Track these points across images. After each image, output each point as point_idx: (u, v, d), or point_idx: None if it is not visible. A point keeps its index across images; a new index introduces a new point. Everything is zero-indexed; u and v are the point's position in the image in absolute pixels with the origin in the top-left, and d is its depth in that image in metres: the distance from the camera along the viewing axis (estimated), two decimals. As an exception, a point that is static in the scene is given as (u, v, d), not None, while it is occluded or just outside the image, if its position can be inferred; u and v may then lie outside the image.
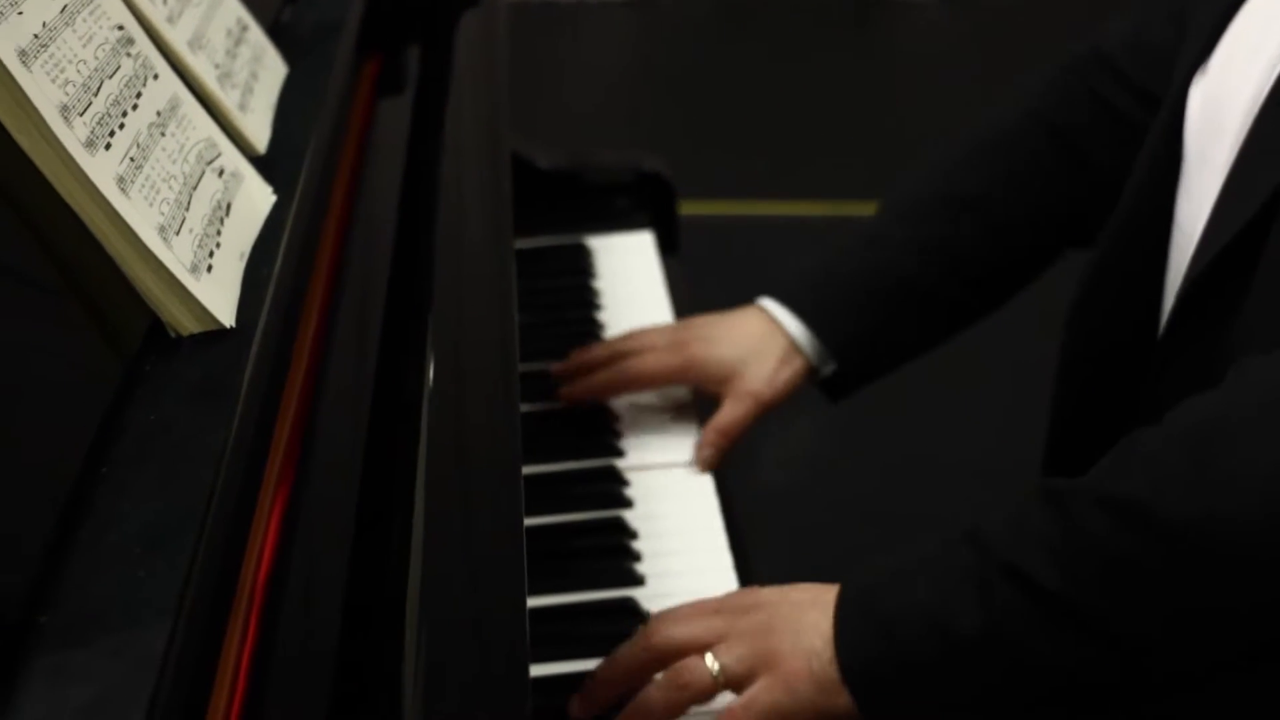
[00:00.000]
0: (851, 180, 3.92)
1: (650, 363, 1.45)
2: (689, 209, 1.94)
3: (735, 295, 1.55)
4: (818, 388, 1.50)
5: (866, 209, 1.58)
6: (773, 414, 1.46)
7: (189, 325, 0.93)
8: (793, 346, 1.46)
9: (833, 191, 3.86)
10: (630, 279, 1.76)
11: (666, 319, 1.68)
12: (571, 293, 1.71)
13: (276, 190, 1.12)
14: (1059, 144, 1.44)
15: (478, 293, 1.17)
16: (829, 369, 1.47)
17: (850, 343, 1.46)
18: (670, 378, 1.46)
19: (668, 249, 1.85)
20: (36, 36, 0.92)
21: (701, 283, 1.97)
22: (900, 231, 1.48)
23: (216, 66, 1.21)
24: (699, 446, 1.43)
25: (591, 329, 1.65)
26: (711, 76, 4.70)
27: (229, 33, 1.29)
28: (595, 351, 1.49)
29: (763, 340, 1.46)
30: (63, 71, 0.93)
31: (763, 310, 1.48)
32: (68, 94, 0.92)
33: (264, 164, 1.15)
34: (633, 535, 1.34)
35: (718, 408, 1.45)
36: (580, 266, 1.76)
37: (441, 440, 0.97)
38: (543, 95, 4.13)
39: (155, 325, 0.92)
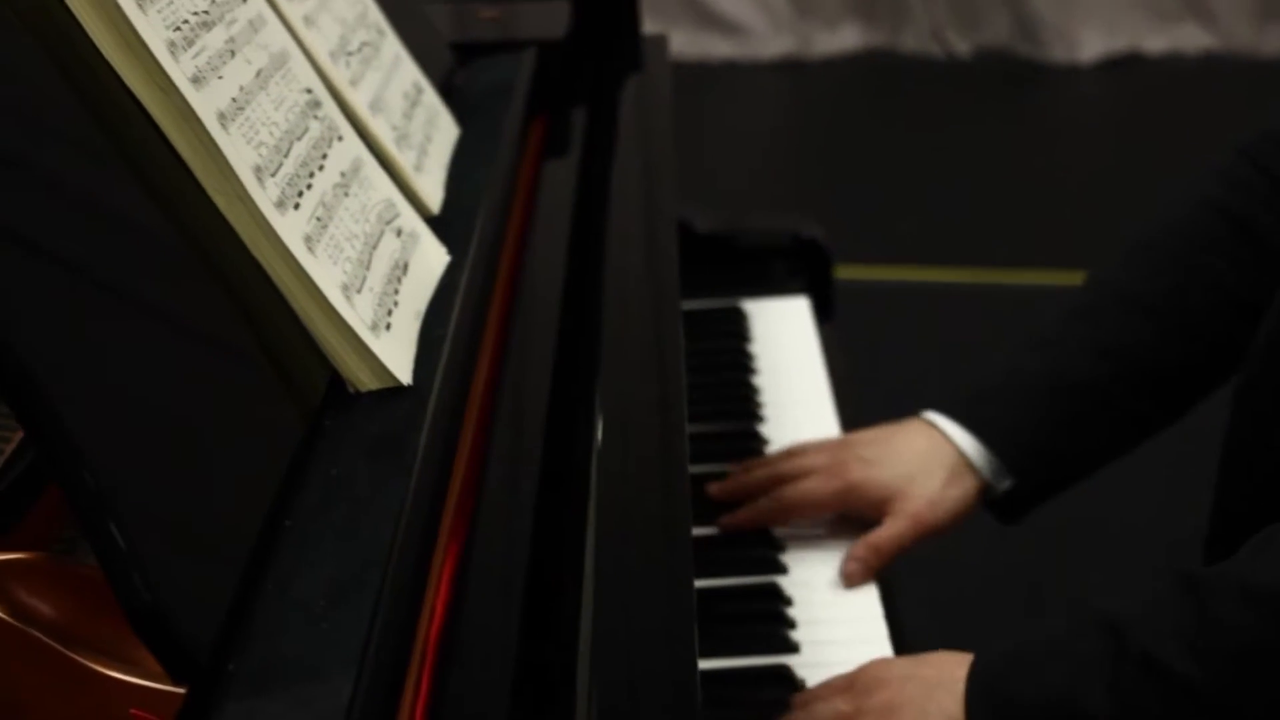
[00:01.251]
0: (1005, 247, 3.89)
1: (808, 490, 1.39)
2: (841, 272, 1.94)
3: (889, 362, 1.54)
4: (988, 509, 1.43)
5: (1020, 276, 1.56)
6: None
7: (368, 382, 0.95)
8: (963, 462, 1.39)
9: (986, 258, 3.83)
10: (786, 344, 1.76)
11: (821, 386, 1.68)
12: (727, 356, 1.72)
13: (450, 250, 1.14)
14: (1236, 230, 1.38)
15: (645, 355, 1.18)
16: (1004, 485, 1.40)
17: (1028, 455, 1.39)
18: (830, 505, 1.40)
19: (823, 314, 1.85)
20: (234, 100, 0.95)
21: (857, 348, 1.97)
22: (1075, 333, 1.41)
23: (394, 128, 1.25)
24: (847, 559, 1.37)
25: (747, 393, 1.65)
26: (862, 139, 4.70)
27: (406, 95, 1.32)
28: (755, 474, 1.44)
29: (928, 457, 1.39)
30: (257, 133, 0.96)
31: (928, 424, 1.42)
32: (261, 155, 0.95)
33: (438, 224, 1.18)
34: (787, 601, 1.33)
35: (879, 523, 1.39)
36: (736, 330, 1.77)
37: (610, 500, 0.98)
38: (691, 156, 4.16)
39: (335, 381, 0.94)
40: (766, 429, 1.59)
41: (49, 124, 0.83)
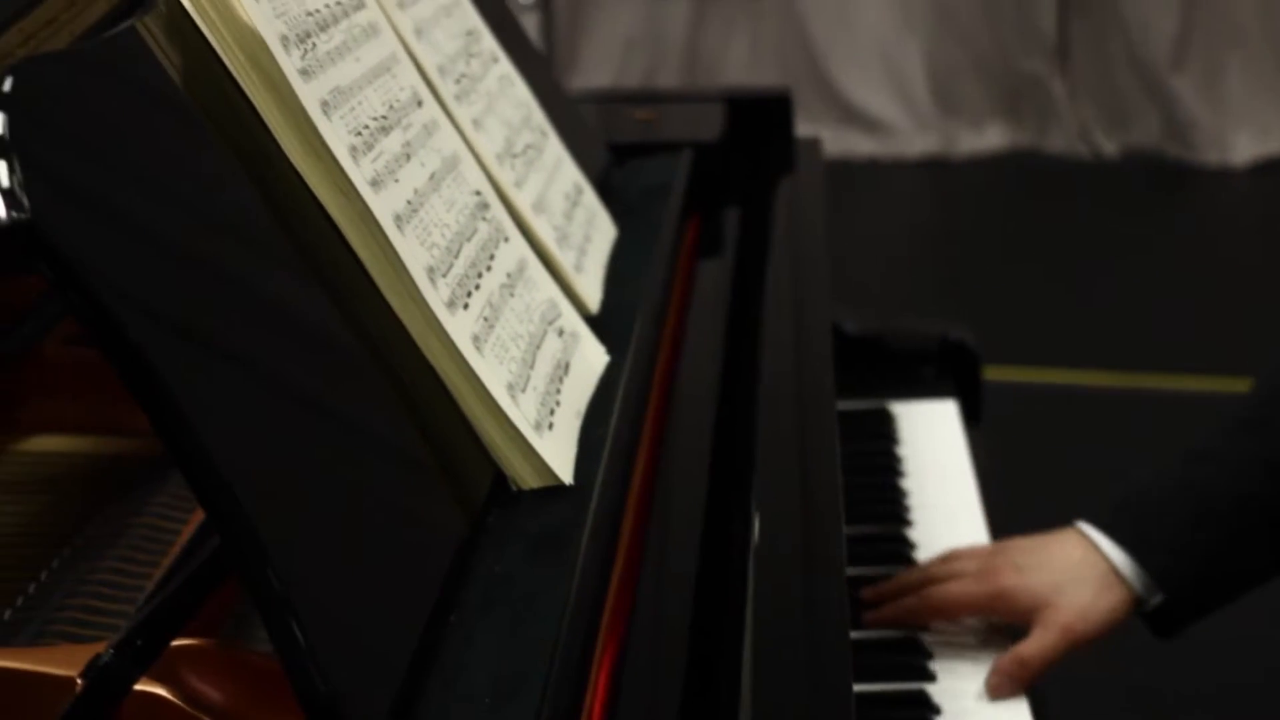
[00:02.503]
0: (1155, 351, 3.83)
1: (957, 592, 1.37)
2: (989, 374, 1.93)
3: (1038, 466, 1.52)
4: (1143, 621, 1.40)
5: (1172, 381, 1.54)
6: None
7: (531, 480, 0.97)
8: (1113, 574, 1.36)
9: (1137, 363, 3.78)
10: (934, 447, 1.75)
11: (970, 490, 1.67)
12: (875, 458, 1.71)
13: (609, 350, 1.16)
14: None
15: (801, 456, 1.19)
16: (1156, 600, 1.37)
17: (1182, 572, 1.36)
18: (978, 609, 1.38)
19: (971, 417, 1.84)
20: (409, 202, 0.98)
21: (1005, 451, 1.95)
22: (1241, 446, 1.38)
23: (556, 229, 1.27)
24: (992, 672, 1.34)
25: (895, 496, 1.64)
26: (1008, 240, 4.67)
27: (567, 196, 1.35)
28: (906, 577, 1.44)
29: (1080, 567, 1.37)
30: (430, 235, 0.99)
31: (1081, 534, 1.40)
32: (433, 256, 0.98)
33: (597, 323, 1.20)
34: (935, 710, 1.32)
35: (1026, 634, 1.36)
36: (884, 432, 1.77)
37: (767, 600, 0.99)
38: (834, 253, 4.16)
39: (499, 479, 0.96)
40: (915, 533, 1.58)
41: (237, 225, 0.86)
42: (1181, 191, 5.06)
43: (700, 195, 1.64)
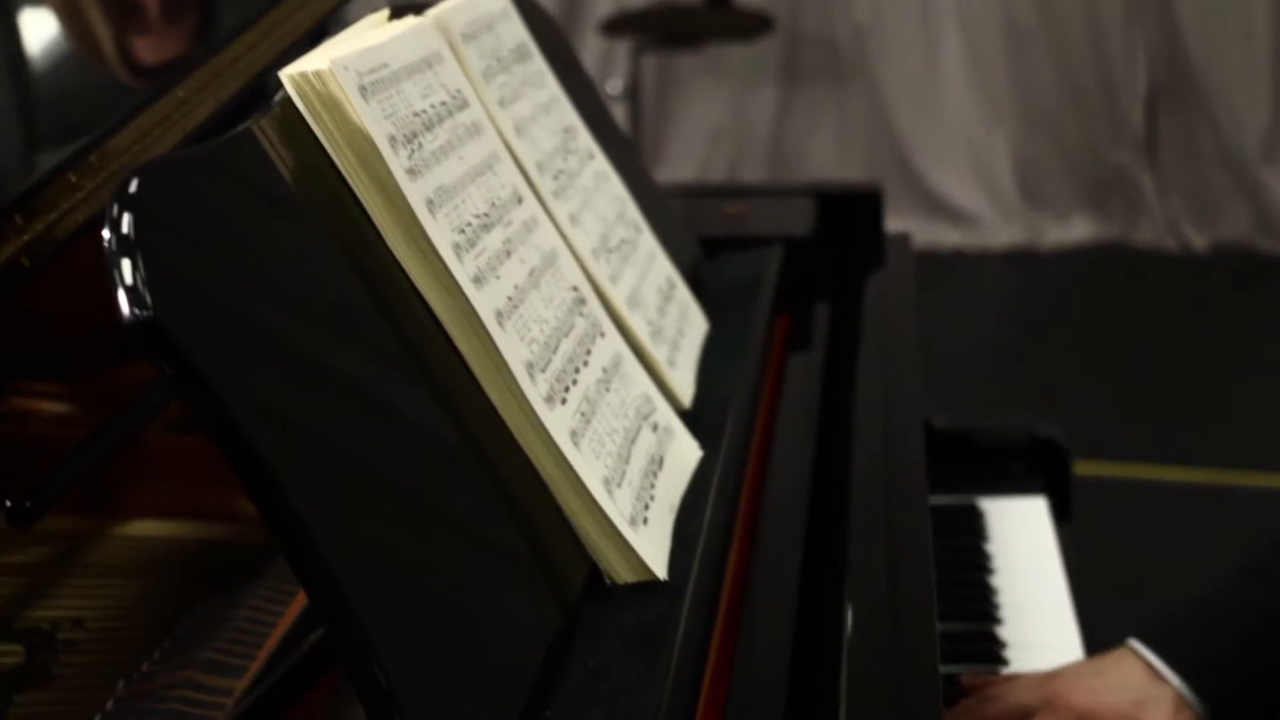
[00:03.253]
0: (1245, 448, 3.78)
1: None
2: (1076, 468, 1.91)
3: (1128, 564, 1.50)
4: None
5: (1258, 479, 1.52)
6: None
7: (625, 575, 0.97)
8: (1179, 696, 1.34)
9: (1226, 459, 3.73)
10: (1024, 544, 1.74)
11: (1060, 588, 1.66)
12: (965, 554, 1.70)
13: (702, 444, 1.17)
14: None
15: (894, 551, 1.19)
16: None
17: (1232, 695, 1.34)
18: None
19: (1061, 514, 1.83)
20: (510, 298, 1.00)
21: (1094, 547, 1.93)
22: None
23: (649, 323, 1.29)
24: None
25: (984, 593, 1.63)
26: (1095, 333, 4.64)
27: (660, 290, 1.36)
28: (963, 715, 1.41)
29: (1149, 686, 1.35)
30: (529, 330, 1.00)
31: (1137, 655, 1.38)
32: (533, 352, 0.99)
33: (689, 418, 1.21)
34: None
35: None
36: (973, 528, 1.76)
37: (860, 696, 0.98)
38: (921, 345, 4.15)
39: (593, 572, 0.97)
40: (1005, 631, 1.57)
41: (345, 322, 0.88)
42: (1273, 285, 5.00)
43: (790, 289, 1.65)
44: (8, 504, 1.03)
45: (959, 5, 5.28)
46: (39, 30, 1.48)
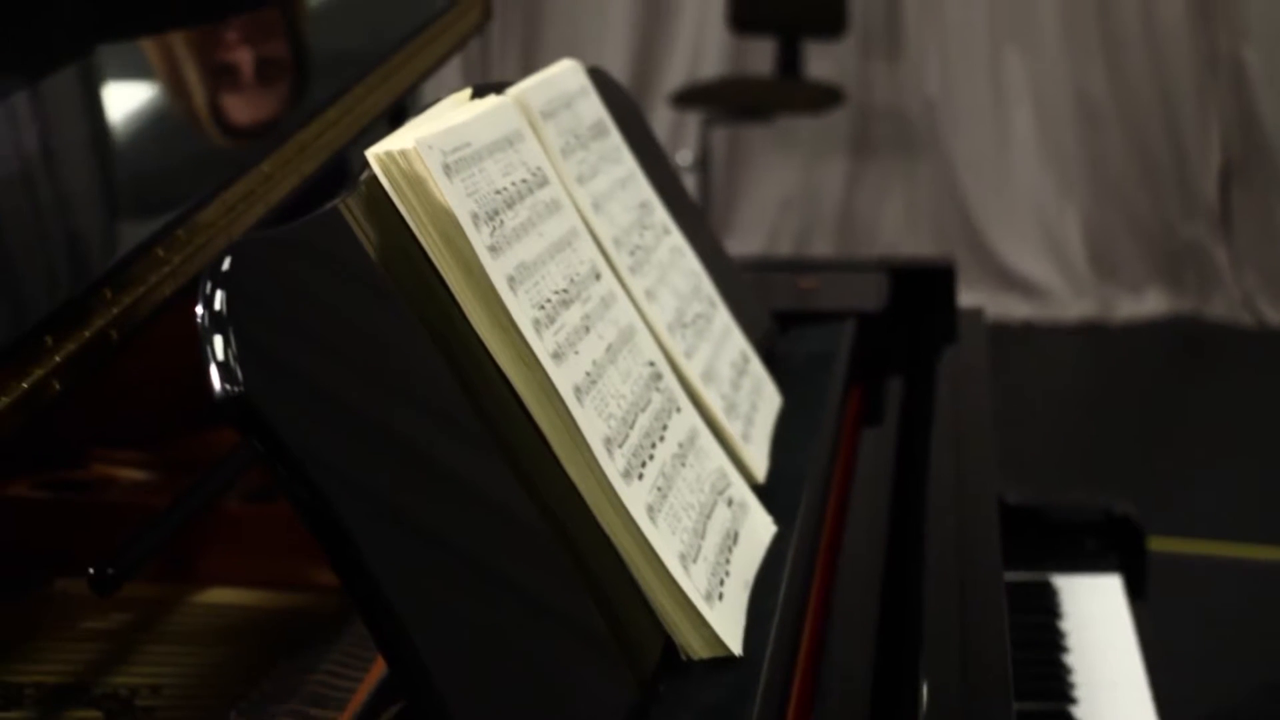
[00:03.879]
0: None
1: None
2: (1151, 545, 1.89)
3: (1204, 642, 1.49)
4: None
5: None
6: None
7: (701, 650, 0.98)
8: None
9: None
10: (1098, 622, 1.73)
11: (1136, 667, 1.64)
12: (1038, 632, 1.69)
13: (776, 520, 1.17)
14: None
15: (968, 628, 1.18)
16: None
17: None
18: None
19: (1136, 592, 1.81)
20: (588, 374, 1.01)
21: (1169, 625, 1.91)
22: None
23: (724, 398, 1.29)
24: None
25: (1059, 672, 1.62)
26: (1168, 407, 4.60)
27: (734, 365, 1.37)
28: None
29: None
30: (607, 406, 1.01)
31: None
32: (610, 427, 1.00)
33: (763, 493, 1.21)
34: None
35: None
36: (1047, 606, 1.74)
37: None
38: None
39: (669, 647, 0.97)
40: (1079, 711, 1.55)
41: (426, 397, 0.89)
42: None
43: (863, 363, 1.65)
44: (91, 571, 1.04)
45: (1030, 78, 5.29)
46: (128, 107, 1.52)
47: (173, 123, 1.53)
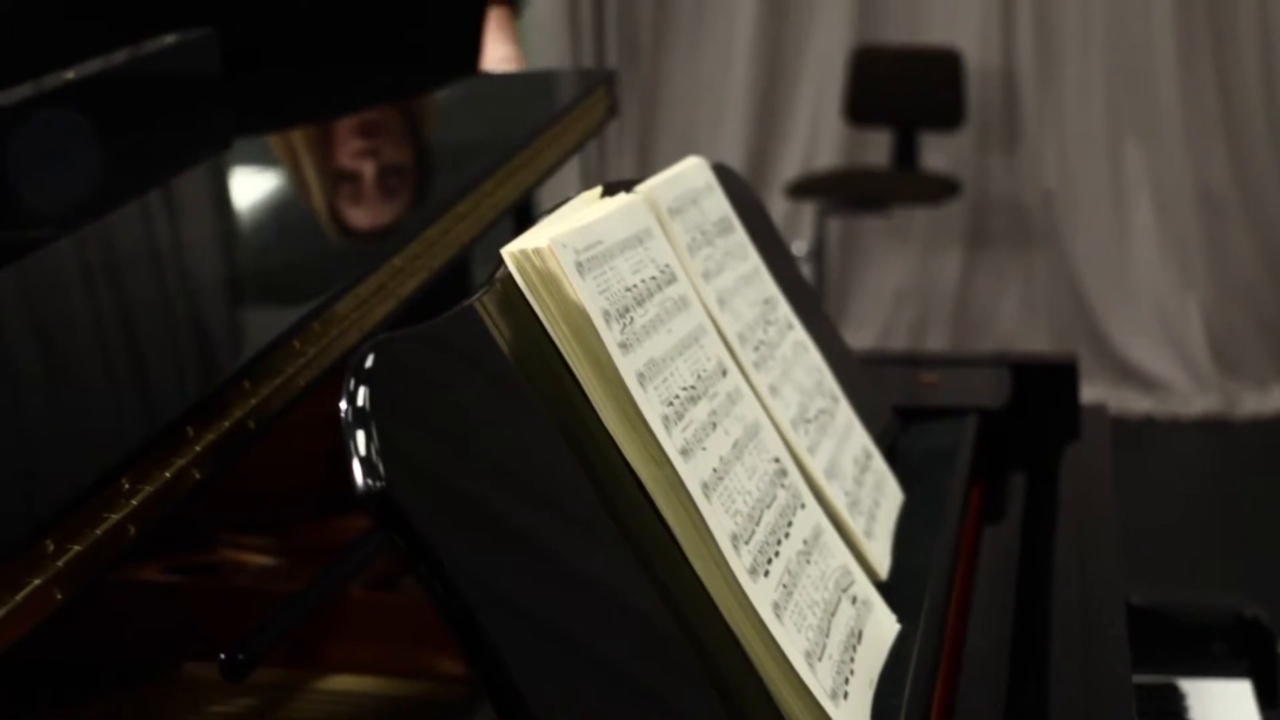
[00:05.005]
0: None
1: None
2: (1280, 650, 1.85)
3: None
4: None
5: None
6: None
7: (826, 749, 0.97)
8: None
9: None
10: (1227, 728, 1.69)
11: (1267, 775, 1.60)
12: (1166, 736, 1.66)
13: (900, 618, 1.17)
14: None
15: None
16: None
17: None
18: None
19: (1267, 700, 1.76)
20: (715, 470, 1.01)
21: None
22: None
23: (847, 494, 1.29)
24: None
25: (1187, 778, 1.58)
26: (1292, 506, 4.51)
27: (856, 461, 1.37)
28: None
29: None
30: (733, 502, 1.02)
31: None
32: (737, 523, 1.00)
33: (886, 590, 1.21)
34: None
35: None
36: (1173, 710, 1.71)
37: None
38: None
39: (794, 746, 0.97)
40: (1208, 820, 1.52)
41: (558, 493, 0.90)
42: None
43: (984, 460, 1.64)
44: (222, 656, 1.06)
45: (1150, 170, 5.25)
46: (266, 201, 1.56)
47: (307, 217, 1.57)
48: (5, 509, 0.92)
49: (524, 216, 1.84)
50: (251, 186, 1.68)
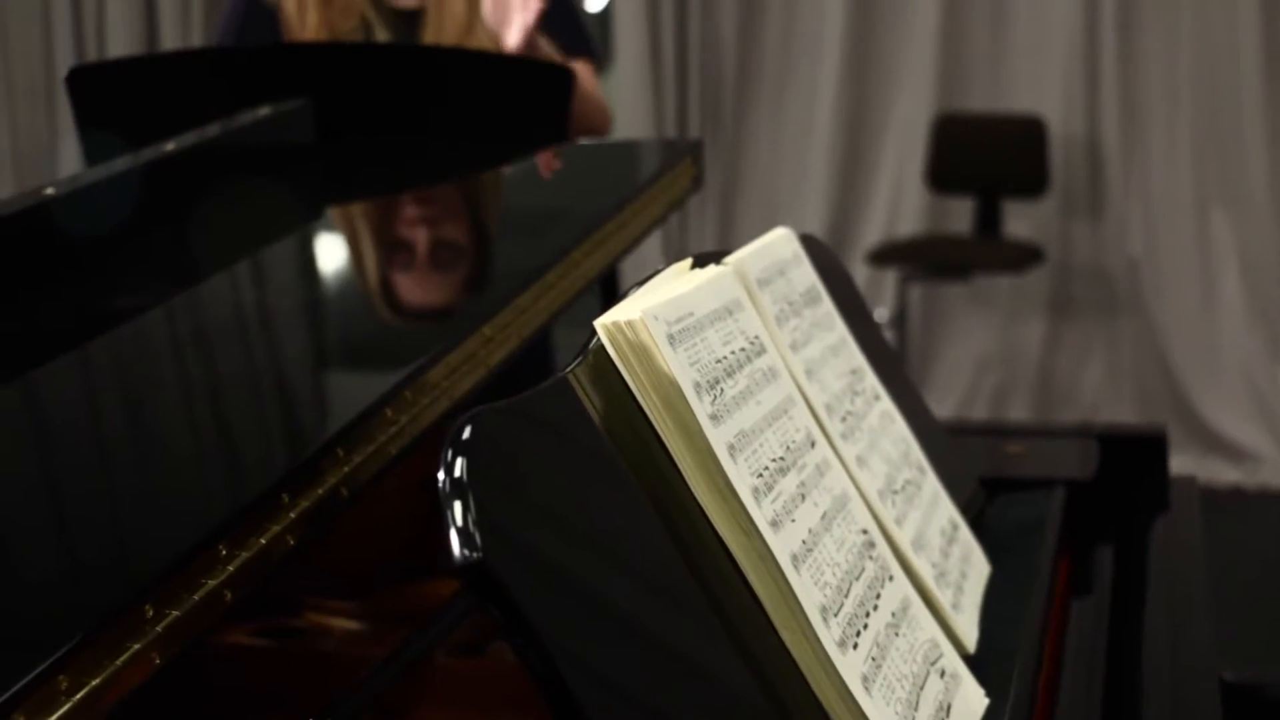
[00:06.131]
0: None
1: None
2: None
3: None
4: None
5: None
6: None
7: (915, 826, 0.96)
8: None
9: None
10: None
11: None
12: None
13: (988, 692, 1.16)
14: None
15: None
16: None
17: None
18: None
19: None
20: (804, 542, 1.02)
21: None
22: None
23: (934, 565, 1.29)
24: None
25: None
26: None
27: (943, 532, 1.36)
28: None
29: None
30: (822, 574, 1.02)
31: None
32: (826, 595, 1.00)
33: (973, 663, 1.20)
34: None
35: None
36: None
37: None
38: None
39: (882, 821, 0.96)
40: None
41: (649, 565, 0.91)
42: None
43: (1071, 532, 1.63)
44: (309, 722, 1.07)
45: (1237, 237, 5.20)
46: (362, 269, 1.58)
47: (400, 283, 1.59)
48: (107, 574, 0.94)
49: (610, 286, 1.86)
50: (344, 253, 1.71)
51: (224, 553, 0.95)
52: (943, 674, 1.12)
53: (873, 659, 1.02)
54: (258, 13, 2.56)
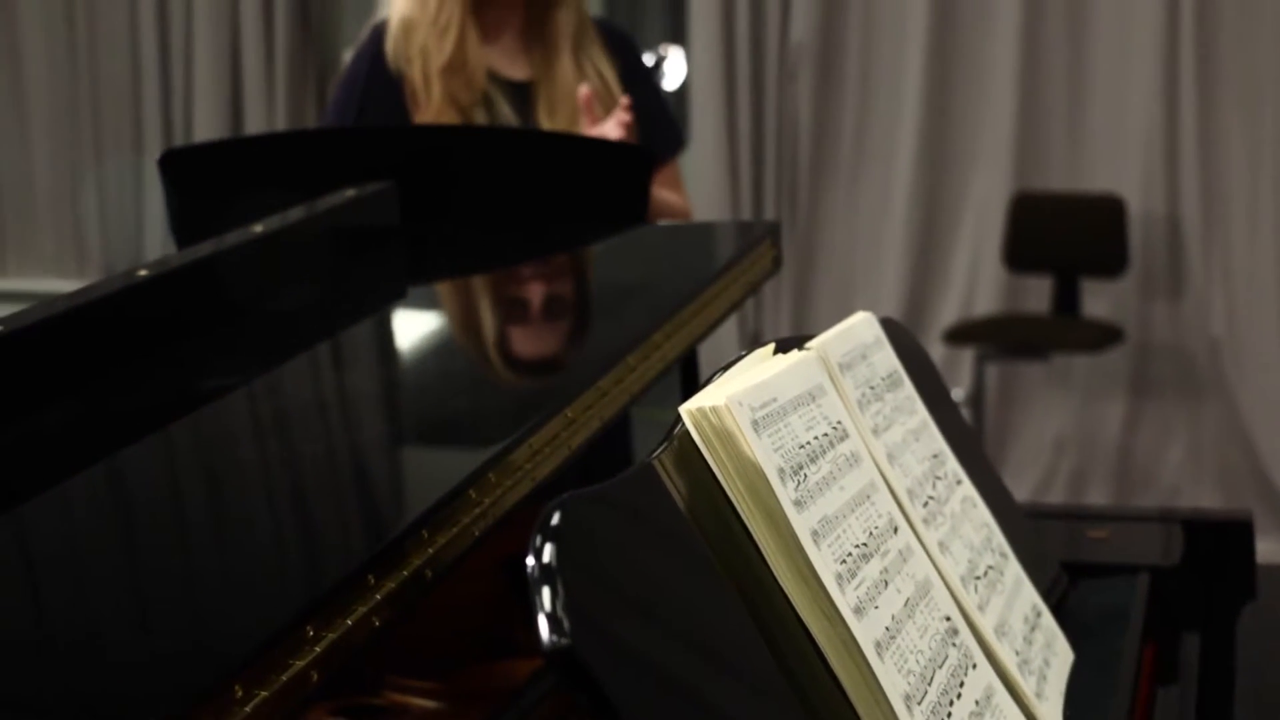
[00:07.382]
0: None
1: None
2: None
3: None
4: None
5: None
6: None
7: None
8: None
9: None
10: None
11: None
12: None
13: (1073, 784, 1.15)
14: None
15: None
16: None
17: None
18: None
19: None
20: (887, 629, 1.01)
21: None
22: None
23: (1017, 653, 1.27)
24: None
25: None
26: None
27: (1026, 619, 1.35)
28: None
29: None
30: (905, 661, 1.01)
31: None
32: (909, 683, 1.00)
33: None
34: None
35: None
36: None
37: None
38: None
39: None
40: None
41: (733, 652, 0.91)
42: None
43: (1156, 619, 1.61)
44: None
45: (1324, 318, 5.14)
46: (446, 349, 1.60)
47: (484, 364, 1.61)
48: (196, 654, 0.95)
49: (690, 368, 1.86)
50: (428, 334, 1.73)
51: (311, 634, 0.96)
52: (1027, 764, 1.11)
53: (957, 748, 1.01)
54: (382, 82, 2.53)
